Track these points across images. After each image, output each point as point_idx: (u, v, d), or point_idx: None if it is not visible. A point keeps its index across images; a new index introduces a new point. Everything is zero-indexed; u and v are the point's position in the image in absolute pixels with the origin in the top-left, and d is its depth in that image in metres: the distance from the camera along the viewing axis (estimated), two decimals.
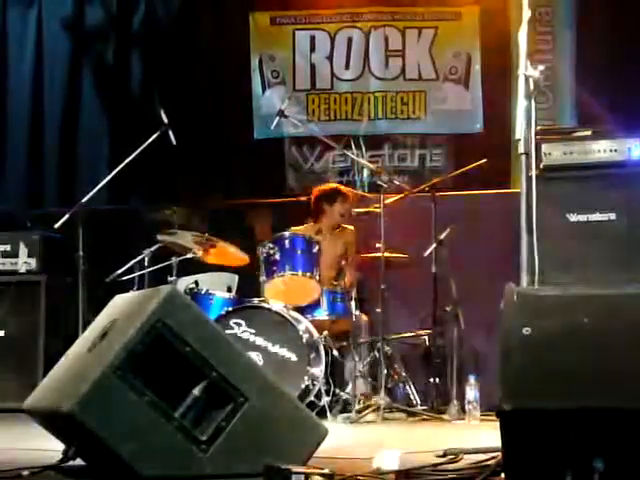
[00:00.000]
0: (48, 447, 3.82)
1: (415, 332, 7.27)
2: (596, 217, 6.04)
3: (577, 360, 2.99)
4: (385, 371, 6.65)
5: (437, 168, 8.73)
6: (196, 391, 3.39)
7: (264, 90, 8.95)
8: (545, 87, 8.27)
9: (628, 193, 6.04)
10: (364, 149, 8.78)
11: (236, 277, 7.43)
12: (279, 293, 6.73)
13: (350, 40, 8.97)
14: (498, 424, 3.00)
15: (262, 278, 6.77)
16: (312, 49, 9.02)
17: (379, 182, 6.97)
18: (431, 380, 7.04)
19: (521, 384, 2.98)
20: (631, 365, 2.95)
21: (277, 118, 7.24)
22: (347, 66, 8.98)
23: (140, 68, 9.08)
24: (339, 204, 7.57)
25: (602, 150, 6.17)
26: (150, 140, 6.95)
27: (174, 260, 6.79)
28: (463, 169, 7.33)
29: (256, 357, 6.19)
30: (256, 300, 6.66)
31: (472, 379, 6.56)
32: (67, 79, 9.05)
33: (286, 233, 6.85)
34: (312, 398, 6.36)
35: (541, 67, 3.90)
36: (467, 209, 7.65)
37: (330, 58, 9.00)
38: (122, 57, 9.09)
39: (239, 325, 6.39)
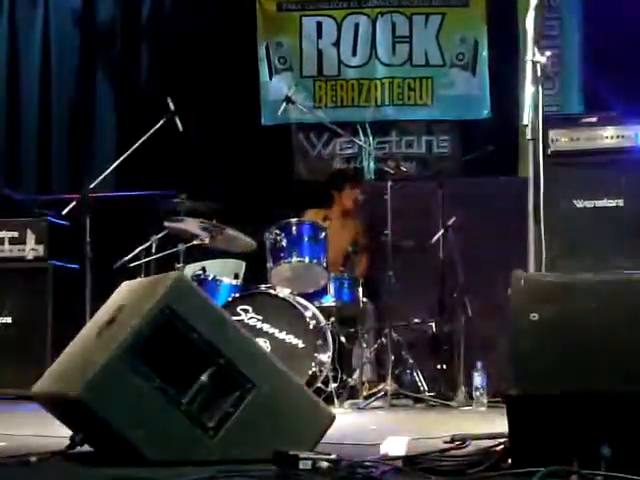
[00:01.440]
0: (56, 433, 3.84)
1: (422, 319, 7.27)
2: (603, 203, 6.04)
3: (585, 346, 2.99)
4: (392, 358, 6.66)
5: (444, 154, 8.72)
6: (204, 377, 3.40)
7: (271, 77, 8.94)
8: (552, 73, 8.26)
9: (635, 179, 6.03)
10: (371, 135, 8.77)
11: (243, 263, 7.43)
12: (286, 279, 6.73)
13: (357, 26, 8.95)
14: (505, 410, 3.00)
15: (269, 264, 6.77)
16: (319, 35, 9.00)
17: (386, 169, 6.98)
18: (438, 366, 7.05)
19: (528, 370, 2.99)
20: (639, 350, 2.96)
21: (284, 104, 7.25)
22: (354, 52, 8.96)
23: (148, 57, 9.08)
24: (349, 190, 7.59)
25: (609, 136, 6.16)
26: (157, 127, 6.97)
27: (181, 247, 6.79)
28: (470, 155, 7.32)
29: (263, 343, 6.19)
30: (263, 286, 6.66)
31: (479, 365, 6.58)
32: (76, 70, 9.06)
33: (293, 219, 6.84)
34: (319, 384, 6.37)
35: (548, 53, 3.90)
36: (474, 195, 7.64)
37: (337, 44, 8.98)
38: (130, 46, 9.09)
39: (246, 311, 6.39)
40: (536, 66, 3.86)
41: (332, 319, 6.71)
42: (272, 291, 6.57)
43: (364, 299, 6.94)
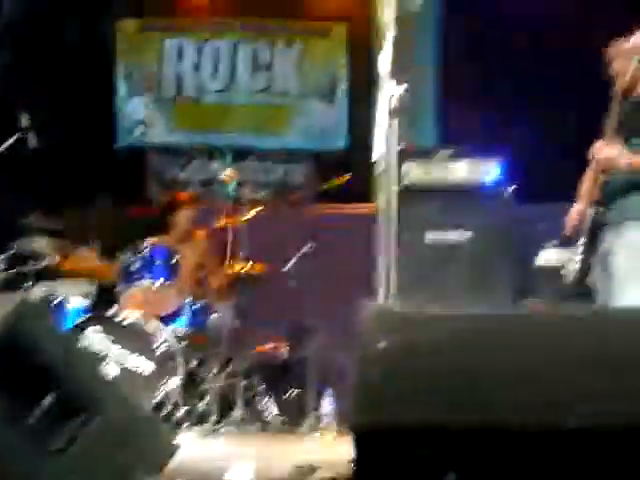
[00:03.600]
0: None
1: (274, 345, 7.28)
2: (453, 236, 6.19)
3: (430, 377, 3.04)
4: (243, 383, 6.64)
5: (300, 183, 8.79)
6: (47, 401, 3.32)
7: (130, 97, 8.86)
8: (407, 106, 8.40)
9: (485, 214, 6.20)
10: (228, 161, 8.77)
11: (94, 285, 7.32)
12: (138, 303, 6.66)
13: (218, 51, 8.96)
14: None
15: (121, 287, 6.69)
16: (180, 58, 8.97)
17: (242, 194, 6.97)
18: (288, 393, 7.05)
19: (375, 399, 3.01)
20: (483, 383, 3.01)
21: (141, 126, 7.19)
22: (214, 76, 8.96)
23: (2, 71, 8.86)
24: (184, 211, 7.60)
25: (460, 171, 6.32)
26: (7, 144, 6.80)
27: (31, 266, 6.65)
28: (325, 185, 7.39)
29: (112, 368, 6.11)
30: (114, 309, 6.58)
31: (329, 393, 6.62)
32: None
33: (146, 242, 6.79)
34: (168, 410, 6.30)
35: (403, 86, 3.97)
36: (328, 225, 7.70)
37: (197, 68, 8.96)
38: None
39: (96, 334, 6.29)
40: (391, 99, 3.93)
41: (183, 344, 6.67)
42: (123, 314, 6.49)
43: (216, 324, 6.91)
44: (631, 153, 5.01)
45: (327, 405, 6.60)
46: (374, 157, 3.85)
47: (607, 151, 4.98)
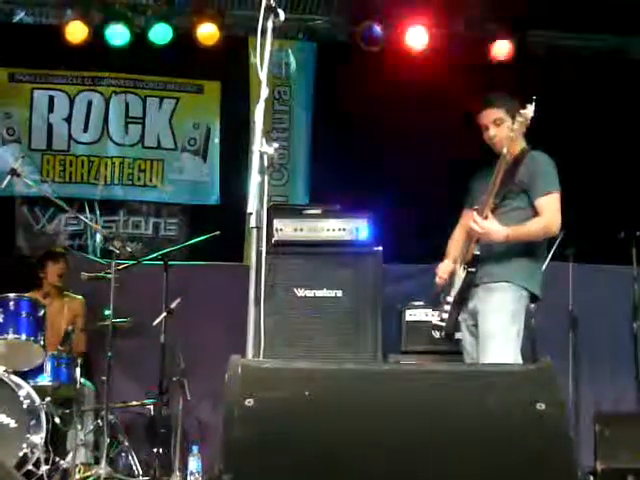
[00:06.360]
0: None
1: (140, 401, 7.19)
2: (323, 293, 6.23)
3: (297, 433, 3.04)
4: (108, 440, 6.52)
5: (171, 237, 8.74)
6: None
7: None
8: (280, 164, 8.49)
9: (354, 272, 6.27)
10: (98, 214, 8.68)
11: None
12: (1, 356, 6.51)
13: (90, 103, 8.87)
14: None
15: None
16: (50, 109, 8.85)
17: (111, 248, 6.90)
18: (155, 450, 6.96)
19: (241, 456, 3.00)
20: (351, 440, 3.03)
21: (9, 176, 7.06)
22: (85, 129, 8.86)
23: None
24: (51, 266, 7.53)
25: (331, 229, 6.40)
26: None
27: None
28: (197, 239, 7.38)
29: None
30: None
31: (195, 450, 6.56)
32: None
33: (11, 294, 6.65)
34: (30, 467, 6.16)
35: (276, 144, 4.02)
36: (199, 280, 7.68)
37: (68, 120, 8.86)
38: None
39: None
40: (263, 156, 3.98)
41: (47, 399, 6.53)
42: None
43: (82, 379, 6.80)
44: (506, 227, 5.11)
45: (193, 462, 6.54)
46: (246, 213, 3.87)
47: (484, 226, 5.08)
